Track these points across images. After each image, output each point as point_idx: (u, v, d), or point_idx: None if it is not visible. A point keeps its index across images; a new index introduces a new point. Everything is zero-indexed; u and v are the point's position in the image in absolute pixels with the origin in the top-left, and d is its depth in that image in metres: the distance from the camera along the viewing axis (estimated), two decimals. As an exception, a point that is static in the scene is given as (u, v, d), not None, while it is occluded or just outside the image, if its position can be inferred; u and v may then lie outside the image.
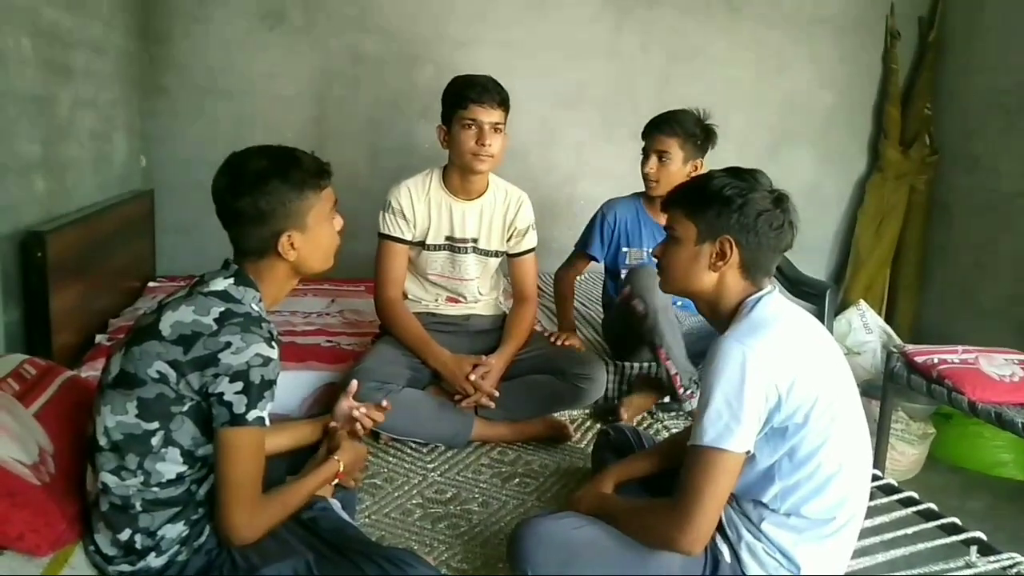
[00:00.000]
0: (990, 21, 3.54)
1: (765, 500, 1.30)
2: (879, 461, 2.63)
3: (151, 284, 3.08)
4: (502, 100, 2.09)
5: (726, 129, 3.83)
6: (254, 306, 1.27)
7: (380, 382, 1.99)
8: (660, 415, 2.36)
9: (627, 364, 2.47)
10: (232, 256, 1.32)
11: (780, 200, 1.36)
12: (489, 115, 2.06)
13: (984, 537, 1.69)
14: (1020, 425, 2.20)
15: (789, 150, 3.87)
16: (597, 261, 2.56)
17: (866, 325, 3.41)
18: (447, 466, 1.99)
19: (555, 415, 2.21)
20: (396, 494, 1.83)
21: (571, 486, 1.88)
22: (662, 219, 1.64)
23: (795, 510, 1.29)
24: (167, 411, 1.19)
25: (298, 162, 1.30)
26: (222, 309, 1.21)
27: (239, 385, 1.16)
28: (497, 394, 2.08)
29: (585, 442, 2.17)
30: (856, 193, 4.07)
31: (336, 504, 1.46)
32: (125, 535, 1.21)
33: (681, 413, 2.33)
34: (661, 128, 2.37)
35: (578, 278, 2.67)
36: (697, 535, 1.25)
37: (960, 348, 2.62)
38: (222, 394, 1.16)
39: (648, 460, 1.63)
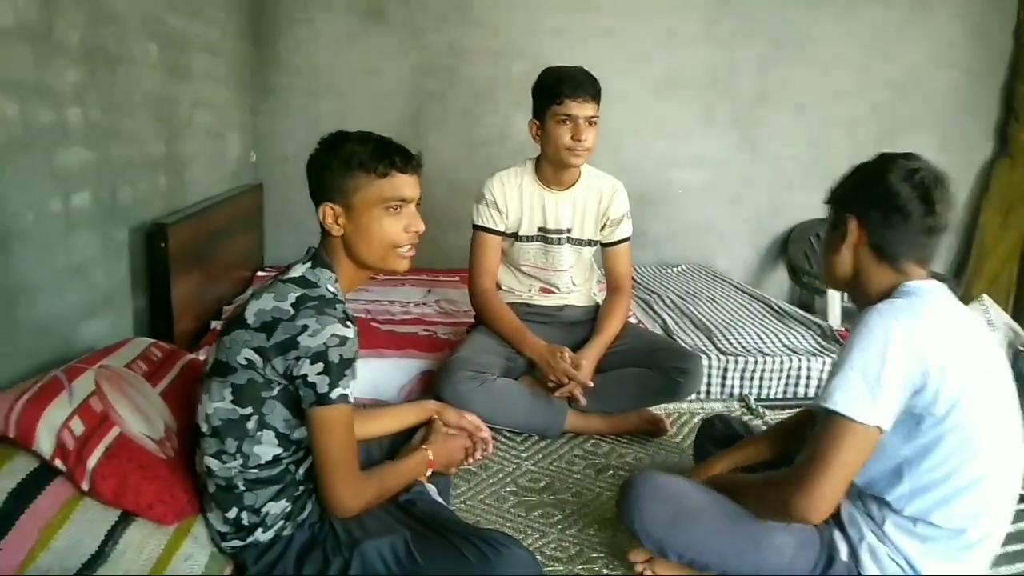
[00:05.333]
0: None
1: (889, 499, 1.22)
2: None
3: (260, 273, 3.25)
4: (596, 92, 2.04)
5: (835, 115, 3.69)
6: (330, 287, 1.29)
7: (475, 371, 2.02)
8: (760, 410, 2.29)
9: None
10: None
11: (914, 173, 1.22)
12: (583, 109, 2.02)
13: None
14: None
15: (905, 135, 3.64)
16: None
17: (989, 321, 3.15)
18: (540, 456, 2.00)
19: (650, 409, 2.17)
20: (490, 481, 1.86)
21: (666, 480, 1.84)
22: None
23: (922, 515, 1.20)
24: (258, 396, 1.24)
25: (360, 142, 1.31)
26: (298, 294, 1.24)
27: (320, 366, 1.19)
28: (592, 385, 2.06)
29: (681, 436, 2.13)
30: (980, 180, 3.79)
31: (432, 489, 1.49)
32: (232, 513, 1.28)
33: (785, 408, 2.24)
34: None
35: None
36: (816, 502, 1.17)
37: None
38: (306, 376, 1.20)
39: (758, 447, 1.55)
